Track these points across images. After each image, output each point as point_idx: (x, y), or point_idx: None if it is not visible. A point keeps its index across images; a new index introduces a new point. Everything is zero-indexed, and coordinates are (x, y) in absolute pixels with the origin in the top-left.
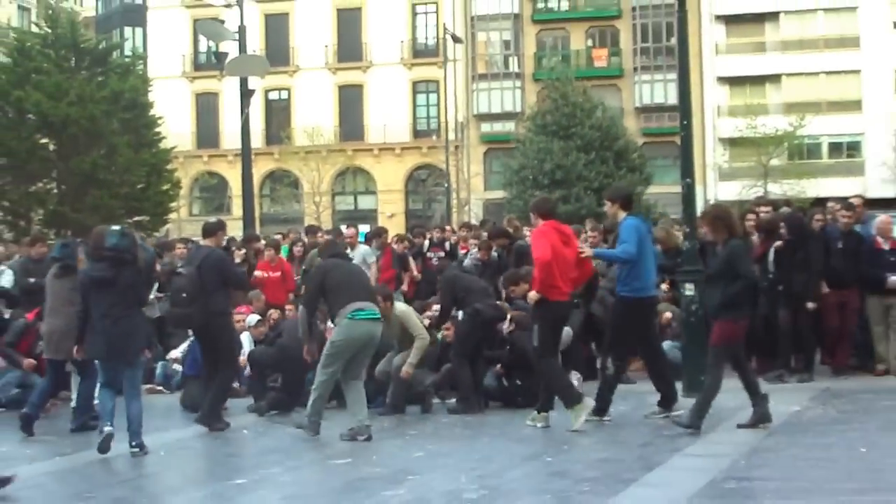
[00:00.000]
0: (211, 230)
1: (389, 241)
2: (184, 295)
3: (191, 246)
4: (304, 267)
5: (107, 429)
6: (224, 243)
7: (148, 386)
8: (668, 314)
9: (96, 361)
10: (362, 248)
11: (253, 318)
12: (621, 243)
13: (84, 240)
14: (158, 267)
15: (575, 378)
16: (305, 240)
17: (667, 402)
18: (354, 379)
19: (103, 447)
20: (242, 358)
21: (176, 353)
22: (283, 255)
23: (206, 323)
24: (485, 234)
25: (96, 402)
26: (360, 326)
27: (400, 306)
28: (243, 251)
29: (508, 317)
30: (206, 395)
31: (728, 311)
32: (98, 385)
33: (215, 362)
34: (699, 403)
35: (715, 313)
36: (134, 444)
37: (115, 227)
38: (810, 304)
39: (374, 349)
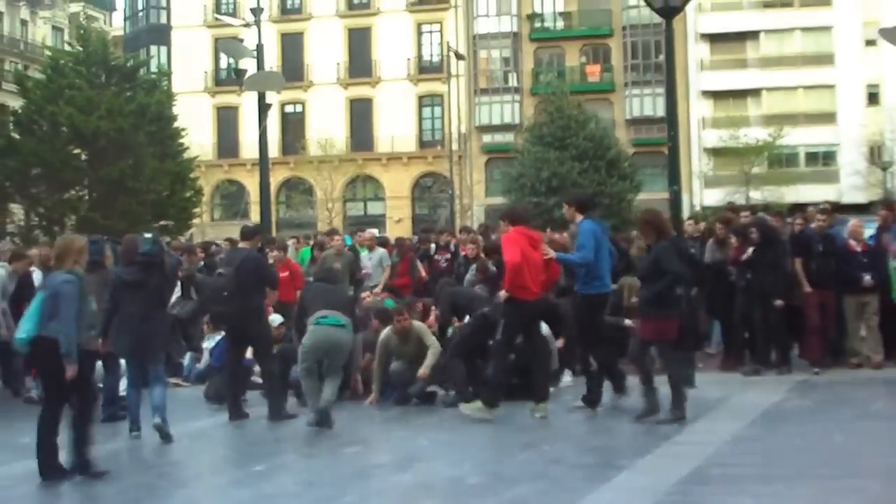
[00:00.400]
0: (249, 234)
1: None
2: (225, 294)
3: (215, 249)
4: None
5: (134, 434)
6: (259, 246)
7: (173, 380)
8: None
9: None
10: (380, 251)
11: (276, 319)
12: (580, 247)
13: (111, 238)
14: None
15: (568, 375)
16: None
17: (619, 387)
18: (331, 375)
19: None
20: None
21: (209, 344)
22: (306, 256)
23: (242, 319)
24: (480, 238)
25: (122, 392)
26: (321, 331)
27: (416, 323)
28: (276, 252)
29: None
30: (228, 389)
31: (655, 309)
32: (126, 381)
33: (240, 359)
34: (674, 396)
35: (644, 310)
36: (158, 419)
37: (147, 235)
38: (778, 302)
39: (342, 353)
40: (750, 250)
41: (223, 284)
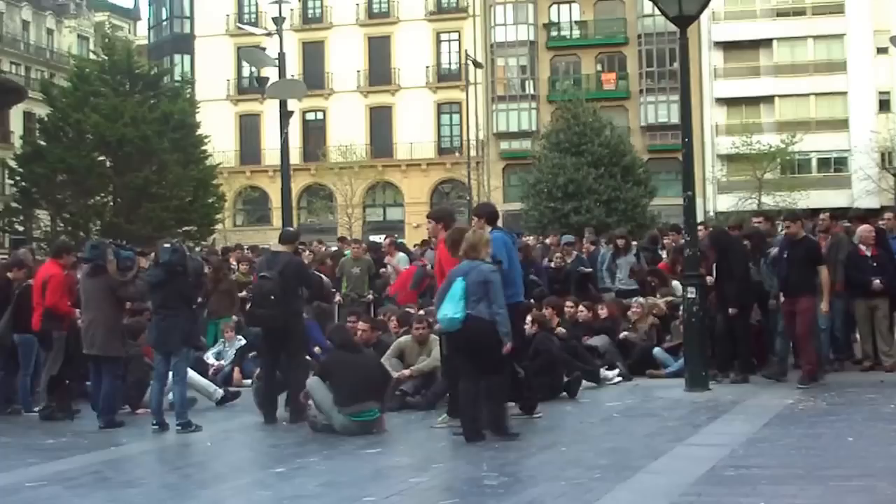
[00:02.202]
0: (290, 238)
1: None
2: (272, 297)
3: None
4: (337, 275)
5: (154, 427)
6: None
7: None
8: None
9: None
10: (400, 256)
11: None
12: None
13: (114, 241)
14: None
15: (612, 372)
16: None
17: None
18: None
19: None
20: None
21: (229, 348)
22: None
23: (285, 323)
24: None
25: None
26: (353, 427)
27: (432, 336)
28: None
29: (529, 318)
30: (264, 391)
31: None
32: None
33: (277, 362)
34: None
35: None
36: (178, 423)
37: (167, 245)
38: (731, 310)
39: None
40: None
41: (271, 288)
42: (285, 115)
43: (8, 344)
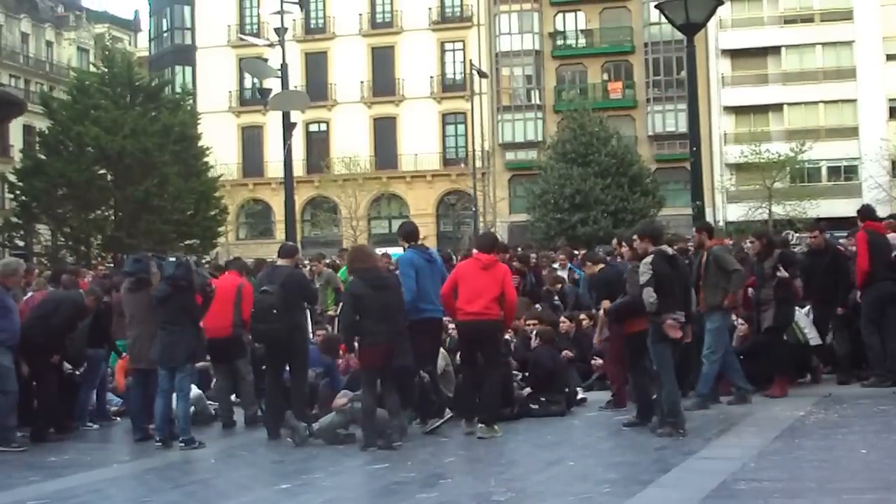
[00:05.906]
0: (290, 252)
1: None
2: (275, 311)
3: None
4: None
5: (157, 443)
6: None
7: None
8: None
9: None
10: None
11: None
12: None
13: (156, 254)
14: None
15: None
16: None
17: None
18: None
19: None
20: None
21: None
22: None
23: (289, 336)
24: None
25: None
26: None
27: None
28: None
29: (534, 332)
30: (268, 407)
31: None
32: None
33: (282, 377)
34: (366, 427)
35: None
36: (181, 440)
37: (172, 259)
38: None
39: None
40: None
41: (272, 302)
42: (288, 127)
43: (86, 355)
